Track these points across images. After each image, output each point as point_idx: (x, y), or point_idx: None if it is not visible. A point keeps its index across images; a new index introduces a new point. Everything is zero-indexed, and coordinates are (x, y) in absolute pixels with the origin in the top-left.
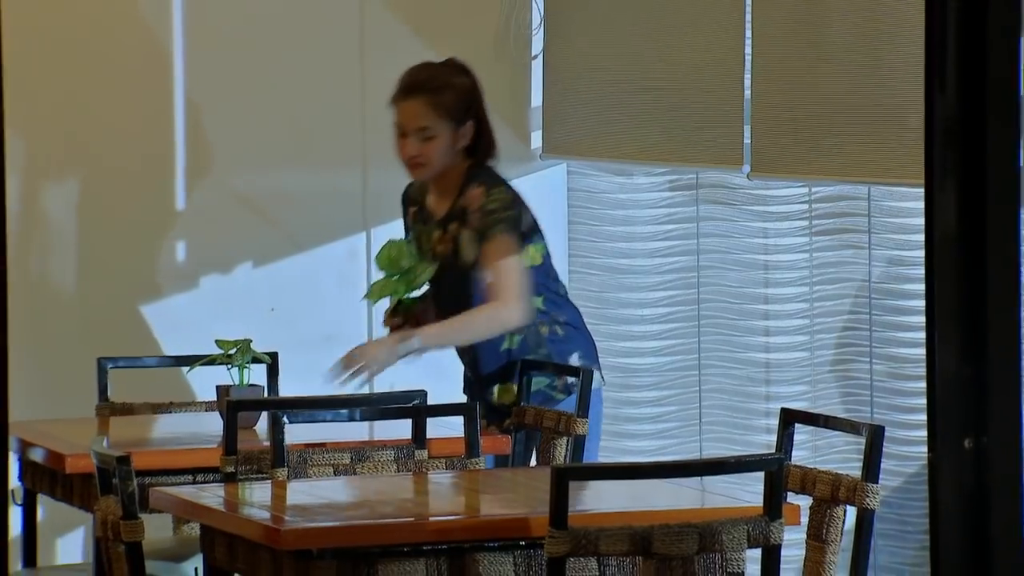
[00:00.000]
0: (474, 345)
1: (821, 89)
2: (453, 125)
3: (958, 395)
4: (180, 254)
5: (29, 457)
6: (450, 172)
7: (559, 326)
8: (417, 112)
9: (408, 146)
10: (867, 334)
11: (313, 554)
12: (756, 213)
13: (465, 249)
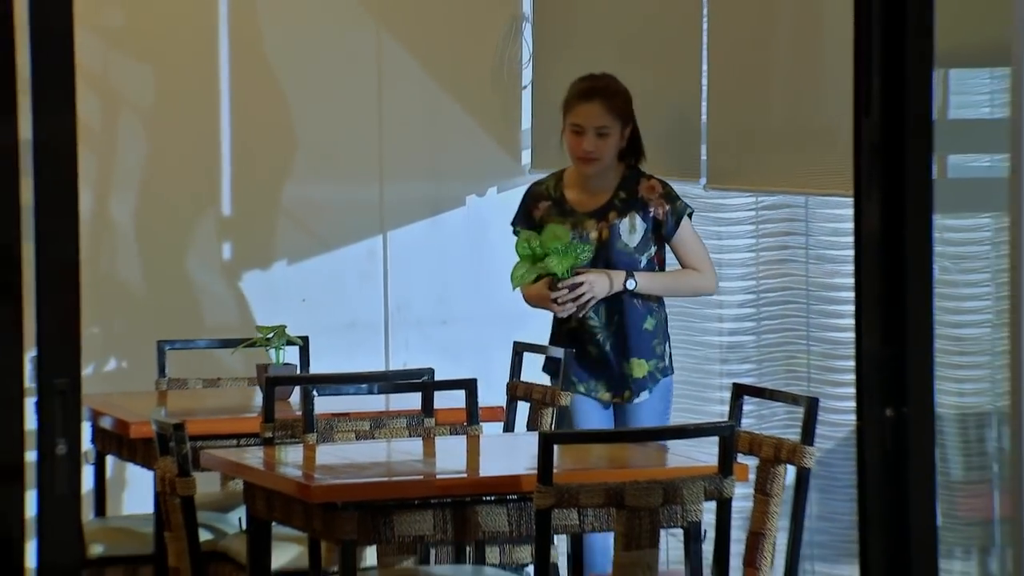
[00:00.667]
0: (624, 320)
1: (767, 112)
2: (621, 126)
3: (881, 372)
4: (226, 253)
5: (99, 424)
6: (607, 172)
7: (665, 318)
8: (596, 112)
9: (585, 142)
10: (805, 320)
11: (338, 506)
12: (712, 219)
13: (625, 233)
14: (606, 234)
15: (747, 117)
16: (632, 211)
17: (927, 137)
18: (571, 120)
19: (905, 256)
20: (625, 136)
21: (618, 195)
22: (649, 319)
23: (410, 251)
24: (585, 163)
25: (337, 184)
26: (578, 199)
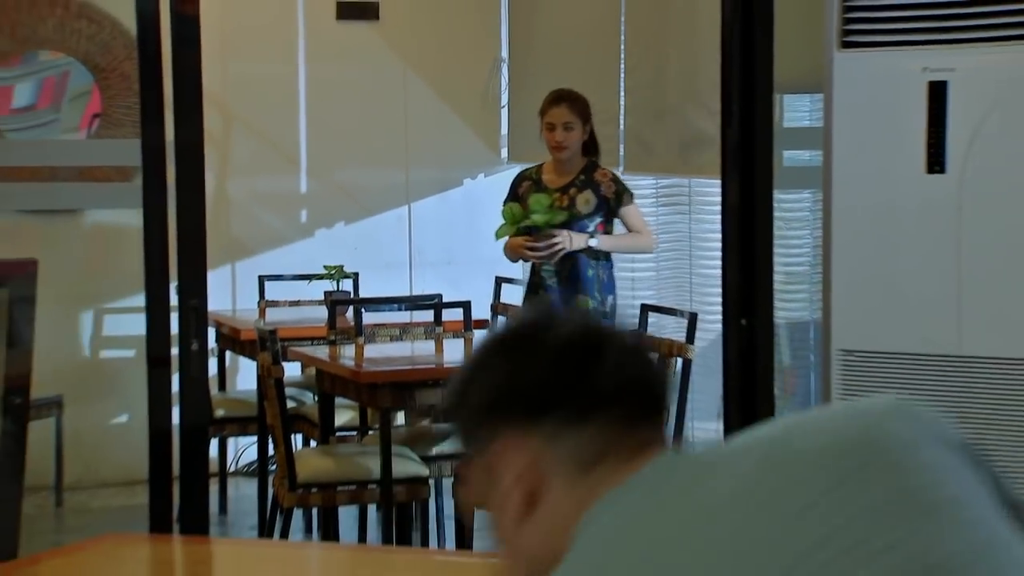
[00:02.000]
0: (572, 270)
1: (665, 121)
2: (582, 123)
3: (738, 295)
4: (303, 218)
5: (221, 330)
6: (573, 158)
7: (609, 274)
8: (563, 112)
9: (557, 135)
10: (688, 262)
11: (378, 385)
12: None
13: (580, 204)
14: (566, 203)
15: (651, 124)
16: (588, 189)
17: (769, 139)
18: (546, 120)
19: (755, 218)
20: (586, 131)
21: (579, 177)
22: (590, 270)
23: (426, 216)
24: (558, 150)
25: (377, 171)
26: (550, 179)
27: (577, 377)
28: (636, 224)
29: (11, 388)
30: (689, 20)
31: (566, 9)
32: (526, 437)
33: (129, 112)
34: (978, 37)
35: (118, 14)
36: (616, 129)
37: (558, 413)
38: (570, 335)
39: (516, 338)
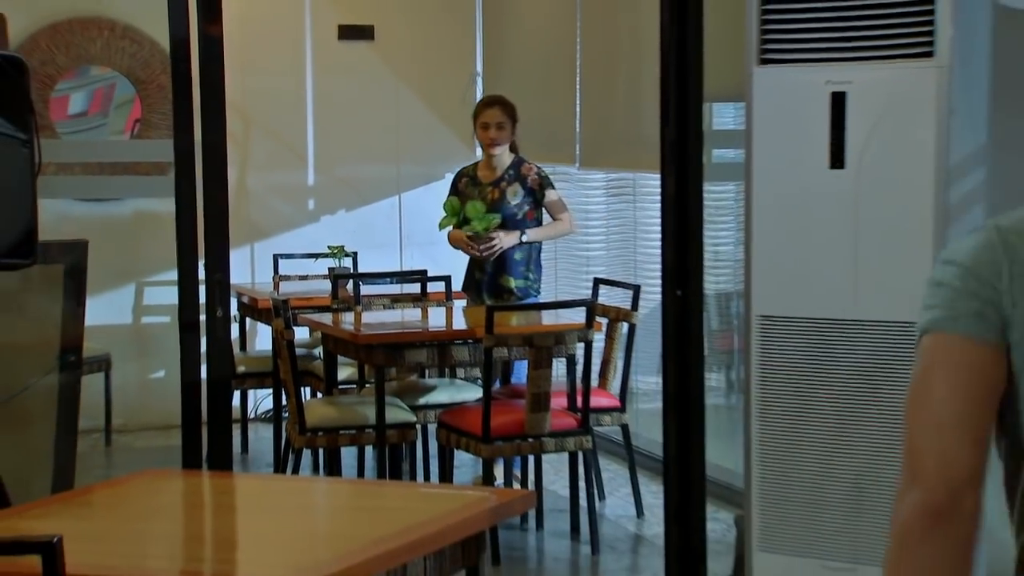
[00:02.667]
0: (504, 255)
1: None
2: (511, 124)
3: (675, 270)
4: (310, 206)
5: (242, 300)
6: (502, 155)
7: (536, 252)
8: (495, 113)
9: (490, 133)
10: (633, 243)
11: (374, 346)
12: (582, 187)
13: (510, 196)
14: (498, 195)
15: (602, 127)
16: (516, 182)
17: (699, 139)
18: (481, 120)
19: (688, 206)
20: (514, 132)
21: (508, 172)
22: (518, 254)
23: (413, 204)
24: (491, 147)
25: (372, 166)
26: (484, 175)
27: None
28: (556, 210)
29: (66, 348)
30: (633, 41)
31: (530, 31)
32: None
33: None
34: (870, 56)
35: (156, 35)
36: (573, 131)
37: None
38: None
39: None
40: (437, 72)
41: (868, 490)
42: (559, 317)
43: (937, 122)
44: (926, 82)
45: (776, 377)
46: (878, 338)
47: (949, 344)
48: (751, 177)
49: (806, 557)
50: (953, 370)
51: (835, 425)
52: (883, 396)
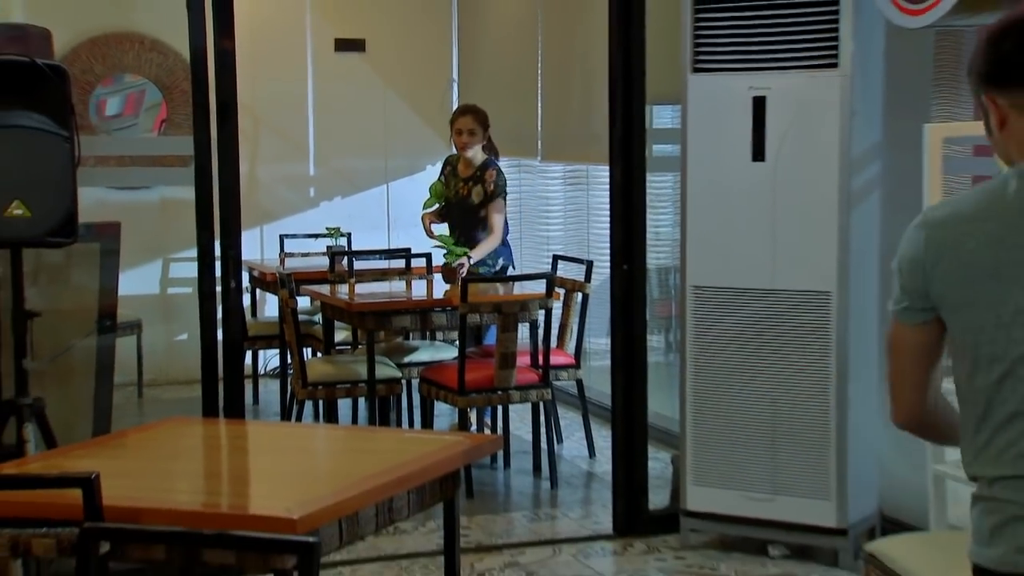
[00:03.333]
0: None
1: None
2: (482, 131)
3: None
4: (311, 193)
5: (252, 274)
6: (475, 156)
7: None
8: (467, 121)
9: (462, 139)
10: (586, 224)
11: (365, 312)
12: (544, 177)
13: (473, 196)
14: (466, 192)
15: (560, 126)
16: (479, 185)
17: (643, 136)
18: (455, 127)
19: (633, 193)
20: (486, 136)
21: (475, 174)
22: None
23: (400, 192)
24: (462, 150)
25: (364, 159)
26: (461, 169)
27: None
28: (490, 222)
29: (103, 314)
30: (586, 53)
31: (498, 44)
32: (1001, 95)
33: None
34: (786, 66)
35: (179, 48)
36: (535, 129)
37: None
38: None
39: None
40: (419, 79)
41: (783, 433)
42: (523, 288)
43: (841, 122)
44: (832, 89)
45: (707, 338)
46: (792, 305)
47: (898, 328)
48: (686, 168)
49: (731, 489)
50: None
51: (756, 378)
52: (796, 354)
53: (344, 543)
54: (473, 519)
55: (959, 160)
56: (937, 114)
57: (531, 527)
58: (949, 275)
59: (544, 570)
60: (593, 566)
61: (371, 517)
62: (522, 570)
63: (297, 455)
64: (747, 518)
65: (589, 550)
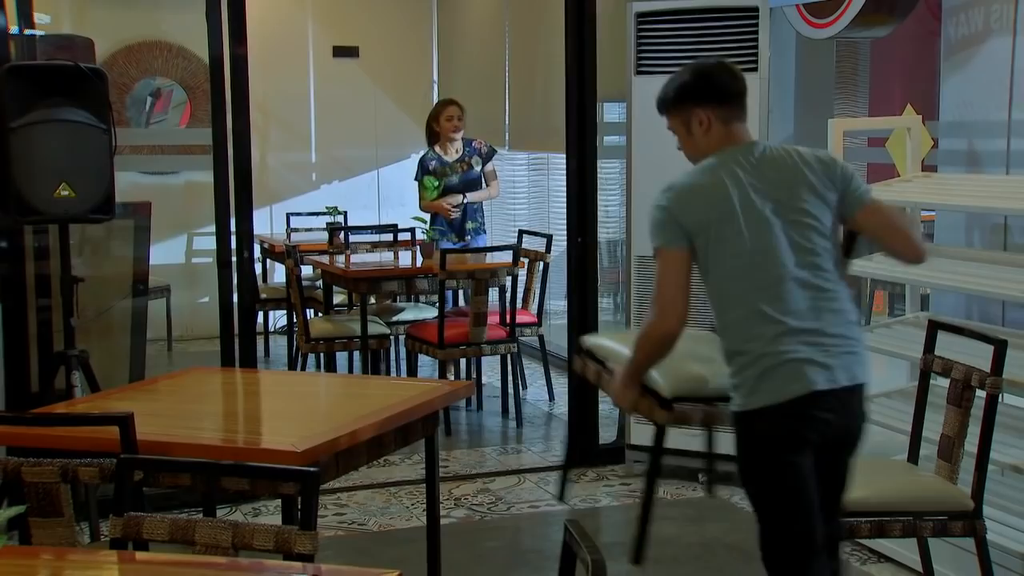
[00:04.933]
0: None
1: (534, 115)
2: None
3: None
4: (313, 177)
5: (263, 246)
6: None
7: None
8: (457, 110)
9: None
10: (547, 205)
11: (359, 279)
12: (511, 164)
13: (475, 165)
14: (467, 167)
15: (525, 119)
16: (475, 155)
17: (594, 129)
18: (445, 115)
19: (585, 179)
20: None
21: (467, 149)
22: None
23: (388, 177)
24: (454, 132)
25: (358, 148)
26: (449, 153)
27: (726, 92)
28: (489, 178)
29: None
30: (547, 56)
31: (472, 50)
32: (706, 107)
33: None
34: None
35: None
36: (503, 122)
37: (731, 107)
38: (727, 80)
39: (705, 79)
40: (405, 80)
41: None
42: (493, 257)
43: (759, 117)
44: (752, 89)
45: (649, 300)
46: None
47: (668, 253)
48: (631, 156)
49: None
50: (673, 264)
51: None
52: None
53: (340, 473)
54: (451, 453)
55: (857, 149)
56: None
57: (500, 459)
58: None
59: (511, 495)
60: (552, 491)
61: (363, 451)
62: (492, 495)
63: (301, 399)
64: (682, 449)
65: (549, 478)
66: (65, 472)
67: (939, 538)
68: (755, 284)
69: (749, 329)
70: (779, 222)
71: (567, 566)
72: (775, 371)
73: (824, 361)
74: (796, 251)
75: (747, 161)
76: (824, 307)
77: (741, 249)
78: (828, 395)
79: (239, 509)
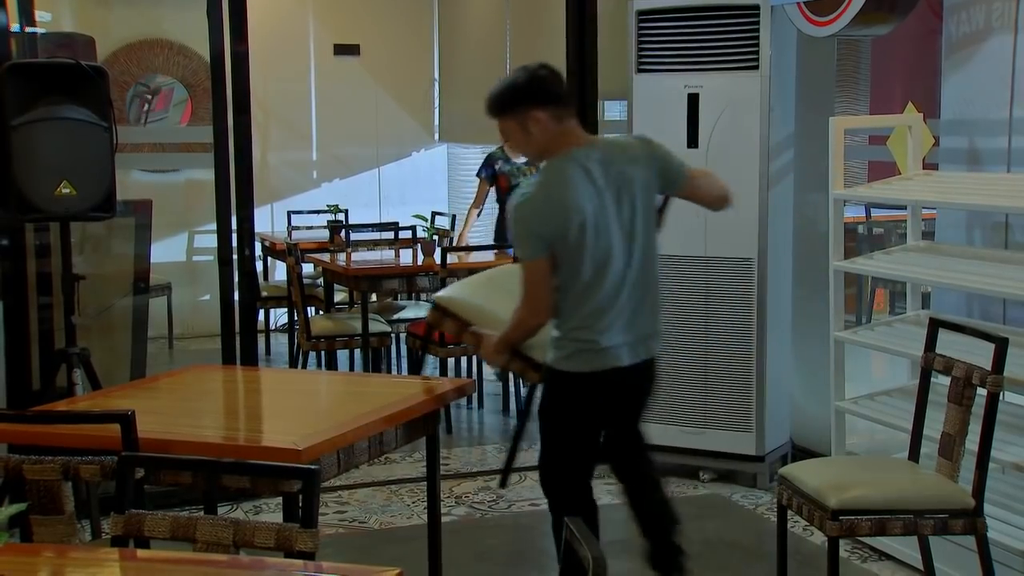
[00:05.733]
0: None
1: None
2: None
3: None
4: (314, 175)
5: (264, 244)
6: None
7: None
8: None
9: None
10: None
11: (360, 276)
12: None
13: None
14: (536, 170)
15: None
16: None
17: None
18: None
19: None
20: None
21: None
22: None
23: (389, 174)
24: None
25: (359, 146)
26: (517, 158)
27: (557, 92)
28: None
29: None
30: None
31: (473, 49)
32: (543, 108)
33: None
34: (716, 68)
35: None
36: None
37: (561, 105)
38: (556, 82)
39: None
40: (405, 78)
41: (712, 376)
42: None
43: (761, 115)
44: (753, 87)
45: None
46: (721, 269)
47: (532, 264)
48: None
49: (668, 424)
50: (538, 272)
51: (690, 330)
52: (723, 310)
53: (341, 470)
54: (452, 451)
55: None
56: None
57: (501, 457)
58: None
59: (512, 493)
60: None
61: (364, 449)
62: (493, 493)
63: (302, 397)
64: (682, 448)
65: None
66: (66, 470)
67: (940, 536)
68: (597, 281)
69: (585, 316)
70: (620, 219)
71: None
72: (593, 351)
73: (630, 342)
74: (629, 246)
75: (591, 162)
76: (641, 299)
77: (591, 251)
78: (630, 368)
79: (240, 507)
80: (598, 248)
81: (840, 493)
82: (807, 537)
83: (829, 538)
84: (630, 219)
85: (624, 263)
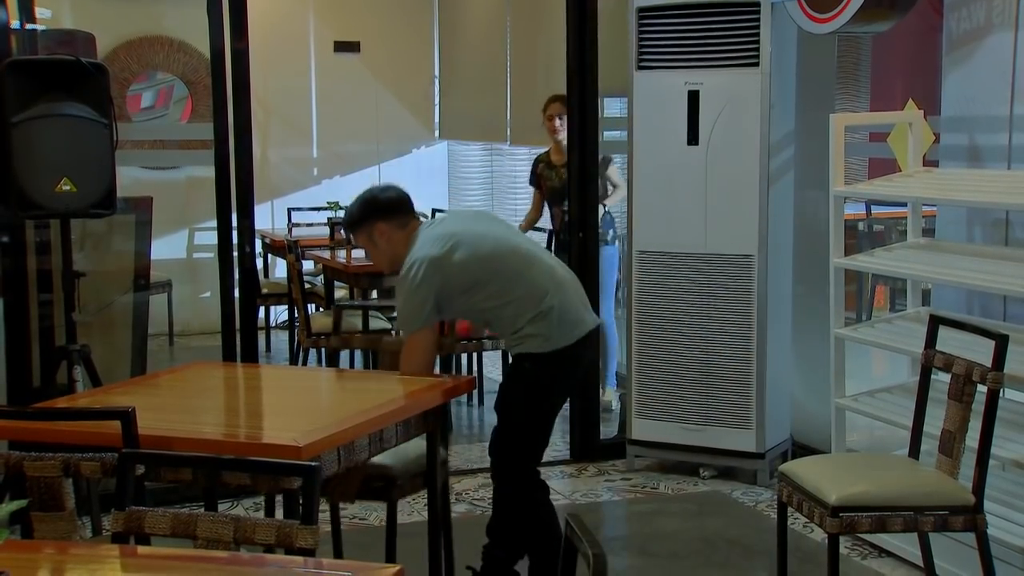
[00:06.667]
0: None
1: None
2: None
3: (578, 218)
4: (314, 172)
5: (264, 241)
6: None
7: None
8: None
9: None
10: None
11: (360, 274)
12: (513, 158)
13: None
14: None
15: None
16: None
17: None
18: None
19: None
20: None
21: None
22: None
23: (389, 171)
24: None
25: (359, 143)
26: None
27: (403, 206)
28: (615, 179)
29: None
30: (548, 52)
31: (473, 45)
32: (388, 222)
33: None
34: (715, 64)
35: (201, 49)
36: (504, 118)
37: (399, 214)
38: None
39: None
40: (405, 75)
41: (713, 374)
42: None
43: (761, 112)
44: (753, 84)
45: (650, 294)
46: (721, 266)
47: (423, 331)
48: (632, 151)
49: (669, 421)
50: (429, 336)
51: (690, 327)
52: (724, 307)
53: (342, 467)
54: (452, 448)
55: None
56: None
57: None
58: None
59: None
60: (553, 486)
61: (364, 445)
62: None
63: (302, 393)
64: (682, 445)
65: (550, 473)
66: (67, 466)
67: (940, 533)
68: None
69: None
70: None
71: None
72: None
73: None
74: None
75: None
76: None
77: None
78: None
79: (241, 503)
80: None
81: (840, 490)
82: (807, 534)
83: (829, 535)
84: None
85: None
